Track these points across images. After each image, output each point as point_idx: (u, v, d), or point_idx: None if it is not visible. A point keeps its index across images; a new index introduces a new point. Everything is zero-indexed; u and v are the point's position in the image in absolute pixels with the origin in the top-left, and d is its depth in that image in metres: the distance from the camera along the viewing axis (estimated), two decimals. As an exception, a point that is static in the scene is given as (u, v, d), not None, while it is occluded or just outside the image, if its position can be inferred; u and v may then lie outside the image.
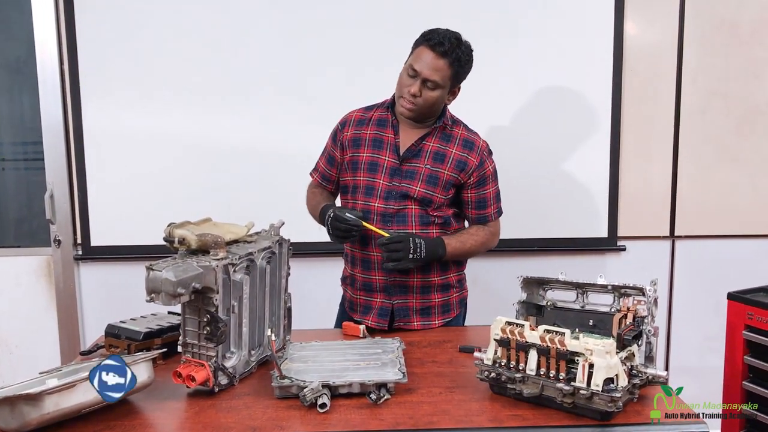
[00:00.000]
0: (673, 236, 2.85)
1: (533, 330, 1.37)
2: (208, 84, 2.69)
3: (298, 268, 1.82)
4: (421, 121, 1.91)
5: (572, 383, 1.30)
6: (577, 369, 1.30)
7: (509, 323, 1.41)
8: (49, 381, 1.39)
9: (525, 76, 2.73)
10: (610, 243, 2.83)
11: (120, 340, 1.67)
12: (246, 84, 2.70)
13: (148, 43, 2.67)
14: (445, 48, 1.79)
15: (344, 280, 2.07)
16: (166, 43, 2.67)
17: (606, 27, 2.71)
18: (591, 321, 1.50)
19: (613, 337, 1.39)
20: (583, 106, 2.75)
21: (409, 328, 1.94)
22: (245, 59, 2.69)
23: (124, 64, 2.67)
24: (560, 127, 2.76)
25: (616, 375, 1.30)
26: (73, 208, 2.75)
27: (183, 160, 2.72)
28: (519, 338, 1.38)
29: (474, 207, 1.96)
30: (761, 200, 2.83)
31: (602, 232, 2.82)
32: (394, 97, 1.92)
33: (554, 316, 1.56)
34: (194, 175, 2.72)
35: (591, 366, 1.28)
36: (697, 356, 2.89)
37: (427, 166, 1.89)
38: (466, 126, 1.97)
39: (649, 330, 1.39)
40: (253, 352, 1.59)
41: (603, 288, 1.49)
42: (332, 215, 1.81)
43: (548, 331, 1.35)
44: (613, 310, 1.48)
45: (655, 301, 1.41)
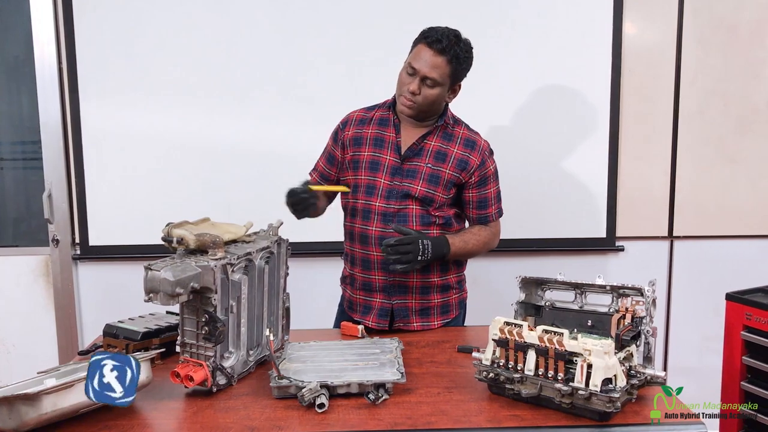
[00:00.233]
0: (671, 236, 2.85)
1: (532, 330, 1.37)
2: (207, 84, 2.68)
3: (296, 268, 1.82)
4: (421, 119, 1.90)
5: (570, 383, 1.30)
6: (575, 369, 1.30)
7: (508, 323, 1.41)
8: (47, 381, 1.39)
9: (524, 76, 2.72)
10: (608, 243, 2.83)
11: (118, 340, 1.67)
12: (245, 84, 2.69)
13: (147, 43, 2.67)
14: (442, 45, 1.78)
15: (344, 280, 2.06)
16: (165, 43, 2.67)
17: (605, 27, 2.71)
18: (589, 321, 1.50)
19: (612, 337, 1.40)
20: (581, 107, 2.75)
21: (409, 329, 1.94)
22: (244, 59, 2.68)
23: (122, 64, 2.67)
24: (559, 128, 2.76)
25: (615, 375, 1.30)
26: (72, 208, 2.75)
27: (181, 159, 2.72)
28: (517, 338, 1.38)
29: (475, 207, 1.95)
30: (760, 200, 2.83)
31: (601, 233, 2.82)
32: (395, 97, 1.92)
33: (553, 316, 1.56)
34: (193, 174, 2.72)
35: (589, 366, 1.28)
36: (696, 357, 2.89)
37: (429, 165, 1.88)
38: (467, 126, 1.97)
39: (647, 330, 1.39)
40: (251, 352, 1.59)
41: (601, 288, 1.49)
42: (286, 194, 1.80)
43: (547, 332, 1.35)
44: (611, 310, 1.48)
45: (654, 301, 1.41)
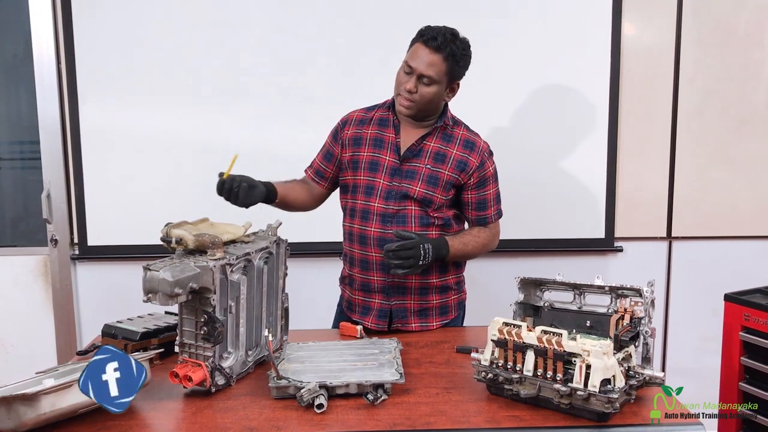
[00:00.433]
0: (670, 237, 2.85)
1: (530, 331, 1.37)
2: (206, 84, 2.68)
3: (295, 268, 1.82)
4: (420, 119, 1.90)
5: (569, 384, 1.30)
6: (574, 370, 1.30)
7: (506, 324, 1.41)
8: (45, 381, 1.39)
9: (523, 77, 2.72)
10: (607, 244, 2.83)
11: (117, 340, 1.67)
12: (244, 84, 2.69)
13: (146, 43, 2.66)
14: (438, 43, 1.79)
15: (342, 280, 2.06)
16: (164, 43, 2.66)
17: (603, 28, 2.71)
18: (588, 322, 1.50)
19: (611, 338, 1.40)
20: (580, 107, 2.75)
21: (407, 330, 1.94)
22: (243, 59, 2.68)
23: (122, 63, 2.66)
24: (558, 128, 2.76)
25: (613, 376, 1.30)
26: (70, 208, 2.74)
27: (180, 159, 2.71)
28: (516, 339, 1.38)
29: (474, 208, 1.95)
30: (758, 201, 2.83)
31: (599, 233, 2.82)
32: (394, 97, 1.92)
33: (551, 316, 1.56)
34: (192, 174, 2.71)
35: (588, 367, 1.29)
36: (694, 357, 2.89)
37: (428, 167, 1.88)
38: (467, 126, 1.97)
39: (646, 331, 1.40)
40: (250, 353, 1.59)
41: (600, 289, 1.49)
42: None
43: (545, 332, 1.36)
44: (610, 311, 1.48)
45: (652, 302, 1.41)
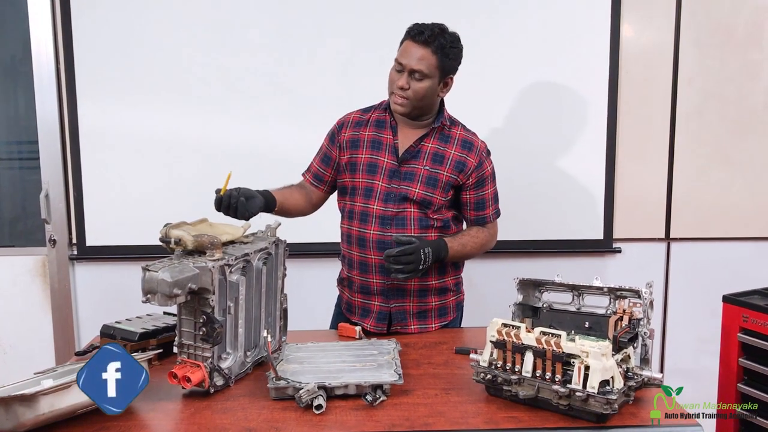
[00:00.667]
0: (668, 238, 2.85)
1: (529, 332, 1.37)
2: (205, 84, 2.68)
3: (294, 269, 1.82)
4: (416, 117, 1.90)
5: (568, 385, 1.30)
6: (572, 371, 1.30)
7: (505, 325, 1.41)
8: (44, 381, 1.39)
9: (521, 77, 2.73)
10: (605, 245, 2.83)
11: (115, 341, 1.66)
12: (243, 85, 2.69)
13: (145, 43, 2.66)
14: (425, 37, 1.80)
15: (341, 282, 2.06)
16: (162, 43, 2.66)
17: (602, 29, 2.71)
18: (587, 323, 1.50)
19: (609, 339, 1.40)
20: (579, 108, 2.75)
21: (407, 332, 1.93)
22: (243, 60, 2.68)
23: (120, 63, 2.66)
24: (556, 129, 2.76)
25: (612, 377, 1.30)
26: (69, 208, 2.73)
27: (179, 160, 2.71)
28: (515, 340, 1.38)
29: (473, 208, 1.95)
30: (757, 203, 2.83)
31: (598, 234, 2.82)
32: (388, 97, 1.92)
33: (550, 318, 1.56)
34: (191, 175, 2.71)
35: (587, 368, 1.29)
36: (692, 358, 2.89)
37: (426, 168, 1.88)
38: (464, 126, 1.97)
39: (644, 332, 1.40)
40: (248, 353, 1.59)
41: (599, 290, 1.50)
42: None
43: (544, 333, 1.36)
44: (609, 312, 1.48)
45: (651, 303, 1.41)
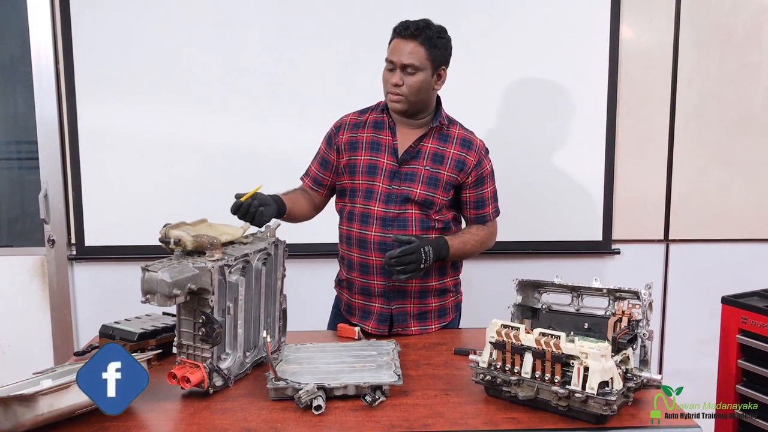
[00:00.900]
0: (667, 240, 2.86)
1: (528, 333, 1.38)
2: (205, 84, 2.68)
3: (293, 269, 1.82)
4: (413, 114, 1.90)
5: (567, 386, 1.30)
6: (572, 372, 1.30)
7: (504, 326, 1.41)
8: (43, 382, 1.39)
9: (520, 78, 2.73)
10: (605, 246, 2.83)
11: (114, 341, 1.66)
12: (242, 85, 2.69)
13: (144, 43, 2.66)
14: (410, 31, 1.82)
15: (339, 283, 2.05)
16: (162, 43, 2.66)
17: (602, 29, 2.71)
18: (586, 324, 1.50)
19: (608, 340, 1.40)
20: (578, 109, 2.75)
21: (407, 333, 1.93)
22: (243, 60, 2.68)
23: (120, 63, 2.66)
24: (555, 130, 2.76)
25: (611, 378, 1.30)
26: (68, 208, 2.73)
27: (179, 160, 2.71)
28: (514, 341, 1.38)
29: (472, 207, 1.95)
30: (756, 204, 2.84)
31: (597, 236, 2.82)
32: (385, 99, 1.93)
33: (549, 319, 1.56)
34: (190, 175, 2.71)
35: (586, 369, 1.29)
36: (691, 360, 2.89)
37: (426, 168, 1.88)
38: (462, 125, 1.97)
39: (644, 333, 1.40)
40: (248, 354, 1.59)
41: (598, 291, 1.50)
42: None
43: (543, 334, 1.36)
44: (608, 313, 1.48)
45: (650, 304, 1.41)
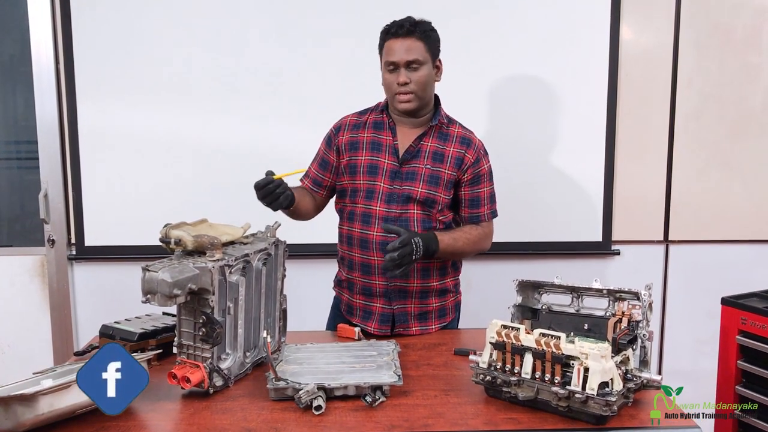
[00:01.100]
0: (667, 241, 2.86)
1: (528, 333, 1.38)
2: (205, 84, 2.68)
3: (293, 269, 1.82)
4: (420, 110, 1.89)
5: (567, 387, 1.30)
6: (572, 373, 1.30)
7: (505, 326, 1.41)
8: (43, 381, 1.39)
9: (520, 78, 2.73)
10: (604, 247, 2.84)
11: (114, 341, 1.66)
12: (242, 85, 2.69)
13: (144, 43, 2.66)
14: (405, 29, 1.83)
15: (339, 284, 2.05)
16: (162, 43, 2.66)
17: (602, 30, 2.71)
18: (586, 325, 1.50)
19: (608, 341, 1.40)
20: (578, 110, 2.75)
21: (408, 334, 1.93)
22: (242, 60, 2.68)
23: (120, 63, 2.66)
24: (555, 131, 2.77)
25: (611, 379, 1.30)
26: (68, 208, 2.73)
27: (179, 160, 2.71)
28: (514, 341, 1.38)
29: (467, 206, 1.95)
30: (755, 205, 2.84)
31: (597, 236, 2.82)
32: (387, 102, 1.93)
33: (549, 319, 1.56)
34: (190, 175, 2.71)
35: (586, 370, 1.29)
36: (691, 360, 2.90)
37: (427, 167, 1.88)
38: (461, 124, 1.97)
39: (644, 334, 1.40)
40: (248, 354, 1.59)
41: (598, 292, 1.50)
42: (255, 190, 1.75)
43: (543, 335, 1.36)
44: (608, 314, 1.48)
45: (650, 305, 1.42)
